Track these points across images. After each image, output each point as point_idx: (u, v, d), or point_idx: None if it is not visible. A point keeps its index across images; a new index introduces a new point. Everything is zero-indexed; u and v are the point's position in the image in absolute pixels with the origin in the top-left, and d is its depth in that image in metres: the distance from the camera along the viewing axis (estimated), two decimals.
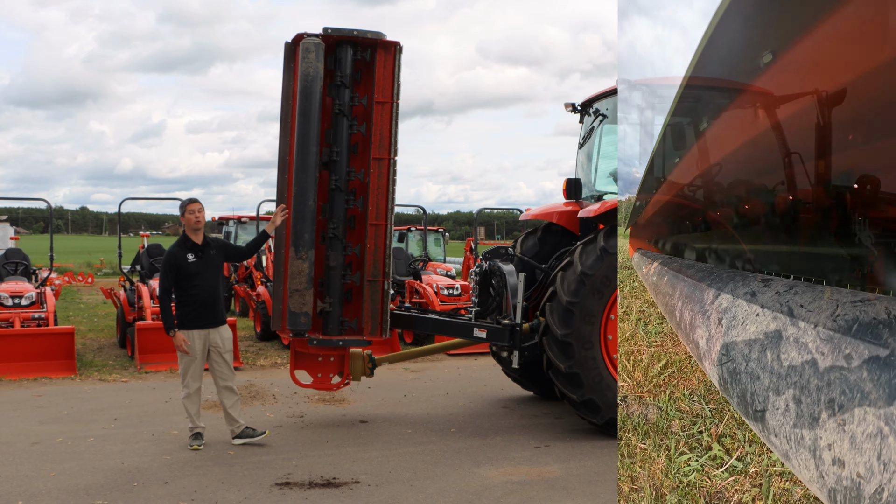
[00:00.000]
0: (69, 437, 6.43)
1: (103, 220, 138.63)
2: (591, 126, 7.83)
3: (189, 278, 6.13)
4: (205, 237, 6.32)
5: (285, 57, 6.65)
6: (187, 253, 6.18)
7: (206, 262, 6.21)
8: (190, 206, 6.26)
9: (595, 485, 5.32)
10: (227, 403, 6.23)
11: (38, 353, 9.30)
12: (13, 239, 21.10)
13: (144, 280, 11.53)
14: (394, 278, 12.44)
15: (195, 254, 6.18)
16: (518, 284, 6.72)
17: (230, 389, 6.24)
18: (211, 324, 6.18)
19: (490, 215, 63.66)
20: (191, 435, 6.16)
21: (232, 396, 6.25)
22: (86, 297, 20.21)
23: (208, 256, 6.23)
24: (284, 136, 6.70)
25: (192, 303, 6.13)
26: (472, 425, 6.98)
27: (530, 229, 8.05)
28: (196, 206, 6.30)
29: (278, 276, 6.65)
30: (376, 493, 5.09)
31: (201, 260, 6.18)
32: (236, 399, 6.28)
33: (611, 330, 6.42)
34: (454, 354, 10.69)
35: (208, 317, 6.16)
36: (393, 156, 6.75)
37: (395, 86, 6.74)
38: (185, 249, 6.19)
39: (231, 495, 5.02)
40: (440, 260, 17.76)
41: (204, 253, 6.22)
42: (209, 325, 6.17)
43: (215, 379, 6.26)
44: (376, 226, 6.76)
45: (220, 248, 6.43)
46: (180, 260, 6.15)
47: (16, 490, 5.10)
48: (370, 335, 6.77)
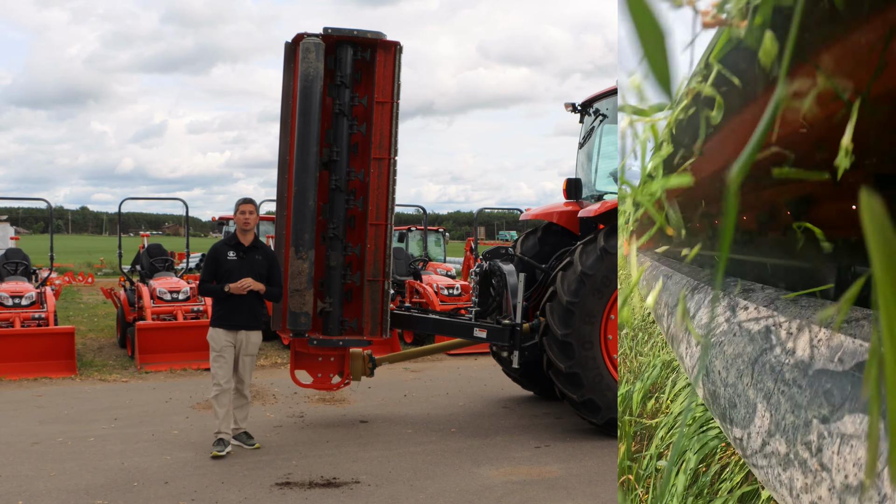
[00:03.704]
0: (69, 437, 6.43)
1: (103, 220, 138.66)
2: (591, 126, 7.83)
3: (225, 275, 6.04)
4: (256, 241, 6.21)
5: (285, 57, 6.65)
6: (230, 250, 6.11)
7: (245, 263, 6.07)
8: (242, 207, 6.18)
9: (595, 485, 5.32)
10: (235, 404, 6.18)
11: (38, 353, 9.30)
12: (13, 239, 21.11)
13: (144, 280, 11.53)
14: (394, 278, 12.44)
15: (237, 253, 6.10)
16: (518, 284, 6.72)
17: (240, 393, 6.17)
18: (240, 326, 6.05)
19: (490, 215, 63.68)
20: (215, 441, 6.01)
21: (240, 399, 6.19)
22: (86, 297, 20.20)
23: (250, 259, 6.10)
24: (285, 136, 6.70)
25: (223, 301, 6.05)
26: (472, 425, 6.98)
27: (531, 229, 8.06)
28: (248, 206, 6.19)
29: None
30: (376, 493, 5.09)
31: (241, 260, 6.08)
32: (244, 403, 6.22)
33: (611, 330, 6.42)
34: (454, 354, 10.69)
35: (237, 318, 6.04)
36: (393, 156, 6.75)
37: (396, 86, 6.74)
38: (229, 247, 6.13)
39: (231, 495, 5.02)
40: (440, 260, 17.76)
41: (246, 254, 6.11)
42: (238, 327, 6.05)
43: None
44: (376, 226, 6.76)
45: (268, 258, 6.23)
46: (220, 255, 6.11)
47: (16, 490, 5.10)
48: (370, 335, 6.77)
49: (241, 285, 5.95)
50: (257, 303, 6.15)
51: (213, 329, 6.09)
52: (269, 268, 6.18)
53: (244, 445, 6.15)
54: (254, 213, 6.19)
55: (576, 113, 8.06)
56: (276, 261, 6.32)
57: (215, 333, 6.06)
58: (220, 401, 6.02)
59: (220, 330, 6.04)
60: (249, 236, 6.19)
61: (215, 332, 6.06)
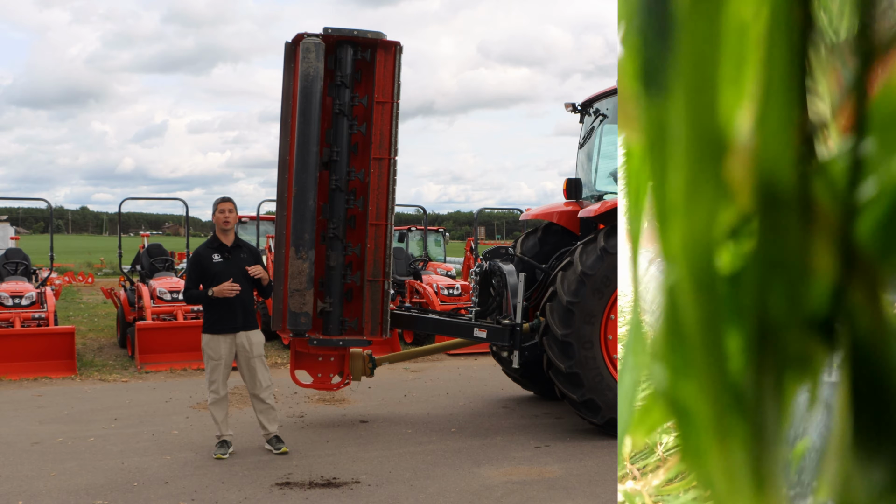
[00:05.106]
0: (69, 437, 6.43)
1: (103, 220, 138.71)
2: (591, 126, 7.83)
3: (213, 279, 5.83)
4: (237, 240, 6.05)
5: (285, 57, 6.65)
6: (213, 253, 5.92)
7: (233, 264, 5.89)
8: (220, 206, 5.99)
9: (595, 485, 5.31)
10: (256, 409, 6.03)
11: (38, 353, 9.30)
12: (13, 239, 21.11)
13: (144, 280, 11.53)
14: (394, 278, 12.44)
15: (221, 255, 5.91)
16: (518, 284, 6.72)
17: (257, 398, 5.98)
18: (236, 328, 5.87)
19: (490, 215, 63.68)
20: (217, 443, 5.92)
21: (259, 404, 5.98)
22: (86, 297, 20.20)
23: (236, 259, 5.93)
24: (284, 136, 6.70)
25: (216, 305, 5.84)
26: (472, 425, 6.98)
27: (530, 229, 8.06)
28: (226, 205, 6.00)
29: (278, 275, 6.64)
30: (376, 493, 5.09)
31: (227, 261, 5.89)
32: (265, 408, 5.99)
33: (611, 330, 6.42)
34: (454, 354, 10.69)
35: (232, 321, 5.85)
36: (393, 156, 6.75)
37: (396, 86, 6.74)
38: (212, 250, 5.94)
39: (231, 495, 5.02)
40: (440, 260, 17.75)
41: (232, 255, 5.93)
42: (234, 330, 5.86)
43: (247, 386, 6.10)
44: (376, 226, 6.76)
45: (252, 254, 6.12)
46: (205, 260, 5.91)
47: (16, 490, 5.10)
48: (370, 335, 6.77)
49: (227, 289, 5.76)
50: (250, 302, 5.99)
51: (207, 336, 5.85)
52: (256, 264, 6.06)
53: (273, 450, 5.95)
54: (233, 212, 6.03)
55: (576, 113, 8.06)
56: (260, 257, 6.28)
57: (212, 341, 5.83)
58: (218, 407, 5.91)
59: (217, 336, 5.83)
60: (231, 235, 6.02)
61: (211, 338, 5.83)
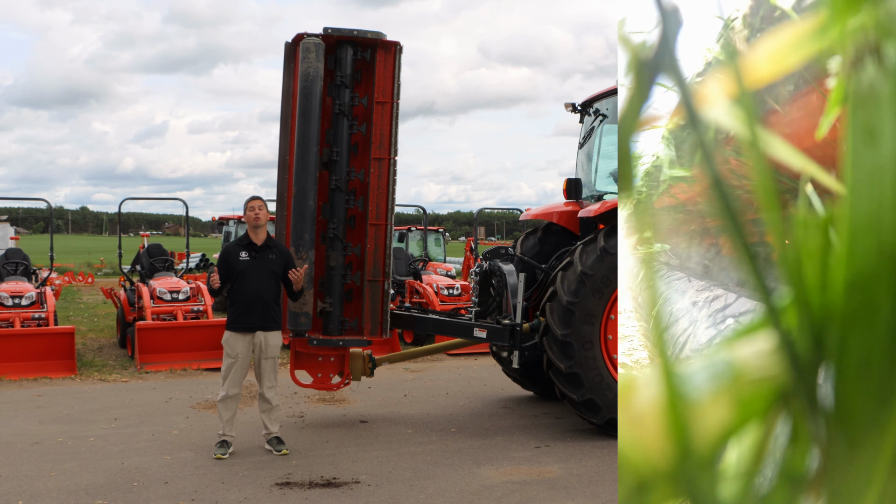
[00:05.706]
0: (69, 437, 6.43)
1: (103, 220, 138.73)
2: (591, 126, 7.84)
3: (238, 277, 5.83)
4: (269, 239, 6.00)
5: (285, 57, 6.66)
6: (241, 251, 5.90)
7: (259, 263, 5.86)
8: (250, 203, 5.97)
9: (595, 485, 5.31)
10: (260, 408, 6.05)
11: (38, 353, 9.30)
12: (13, 239, 21.14)
13: (144, 280, 11.53)
14: (394, 278, 12.44)
15: (249, 253, 5.89)
16: (518, 284, 6.72)
17: (263, 398, 5.98)
18: (255, 327, 5.85)
19: (490, 215, 63.69)
20: (217, 442, 5.91)
21: (264, 404, 5.99)
22: (86, 297, 20.20)
23: (264, 258, 5.89)
24: (284, 136, 6.70)
25: (237, 303, 5.86)
26: (472, 425, 6.98)
27: (530, 229, 8.06)
28: (256, 202, 5.96)
29: None
30: (376, 493, 5.09)
31: (254, 260, 5.86)
32: (270, 408, 5.98)
33: (611, 330, 6.42)
34: (454, 354, 10.69)
35: (251, 320, 5.84)
36: (393, 156, 6.75)
37: (396, 86, 6.74)
38: (241, 247, 5.93)
39: (231, 495, 5.02)
40: (440, 260, 17.76)
41: (259, 254, 5.89)
42: (253, 329, 5.85)
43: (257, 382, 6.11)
44: (376, 226, 6.76)
45: (282, 255, 6.03)
46: (231, 257, 5.91)
47: (16, 490, 5.10)
48: (370, 335, 6.77)
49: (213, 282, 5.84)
50: (273, 302, 5.94)
51: (227, 332, 5.91)
52: (285, 266, 5.96)
53: (273, 451, 5.94)
54: (263, 209, 5.98)
55: (576, 113, 8.07)
56: (291, 259, 6.10)
57: (230, 338, 5.88)
58: (226, 405, 5.91)
59: (236, 334, 5.86)
60: (262, 234, 5.97)
61: (230, 335, 5.88)
